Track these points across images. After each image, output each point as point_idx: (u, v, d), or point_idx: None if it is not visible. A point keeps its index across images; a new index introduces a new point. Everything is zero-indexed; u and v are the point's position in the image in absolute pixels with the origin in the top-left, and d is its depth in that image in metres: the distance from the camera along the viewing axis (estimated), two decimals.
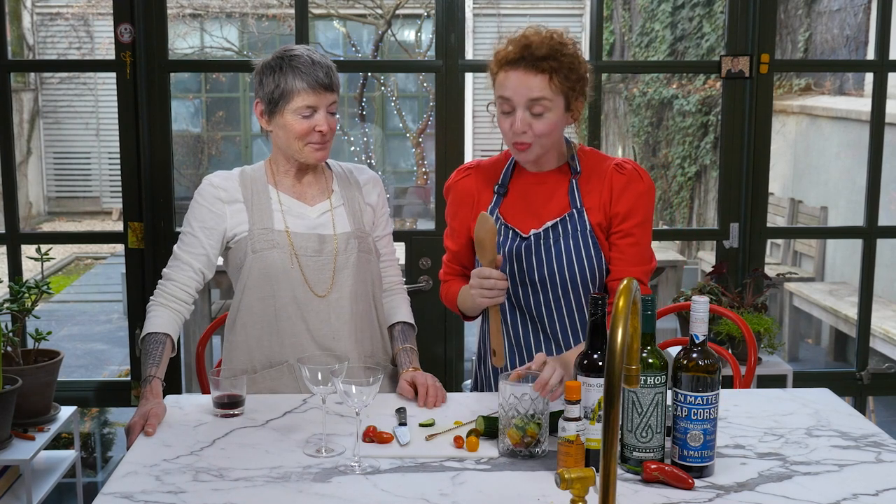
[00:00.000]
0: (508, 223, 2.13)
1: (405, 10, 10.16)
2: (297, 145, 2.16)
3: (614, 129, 10.30)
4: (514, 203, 2.14)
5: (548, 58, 1.98)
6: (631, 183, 2.09)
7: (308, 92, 2.11)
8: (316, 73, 2.12)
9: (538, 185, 2.13)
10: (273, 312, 2.19)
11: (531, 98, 1.99)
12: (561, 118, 2.03)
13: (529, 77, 1.98)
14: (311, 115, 2.14)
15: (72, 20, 11.32)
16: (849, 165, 6.51)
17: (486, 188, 2.18)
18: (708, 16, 8.71)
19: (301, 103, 2.12)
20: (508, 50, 2.02)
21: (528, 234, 2.11)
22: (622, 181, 2.09)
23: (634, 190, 2.09)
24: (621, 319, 1.32)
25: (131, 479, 1.69)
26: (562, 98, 2.01)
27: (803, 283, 6.18)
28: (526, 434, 1.75)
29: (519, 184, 2.15)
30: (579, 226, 2.09)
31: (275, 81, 2.13)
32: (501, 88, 2.02)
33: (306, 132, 2.14)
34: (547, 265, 2.09)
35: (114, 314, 7.52)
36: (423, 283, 3.39)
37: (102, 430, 4.66)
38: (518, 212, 2.13)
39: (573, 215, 2.09)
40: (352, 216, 2.26)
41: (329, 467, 1.73)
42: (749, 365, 2.57)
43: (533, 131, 2.01)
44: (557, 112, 2.02)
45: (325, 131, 2.15)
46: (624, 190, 2.08)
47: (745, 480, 1.68)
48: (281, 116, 2.15)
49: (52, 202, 11.88)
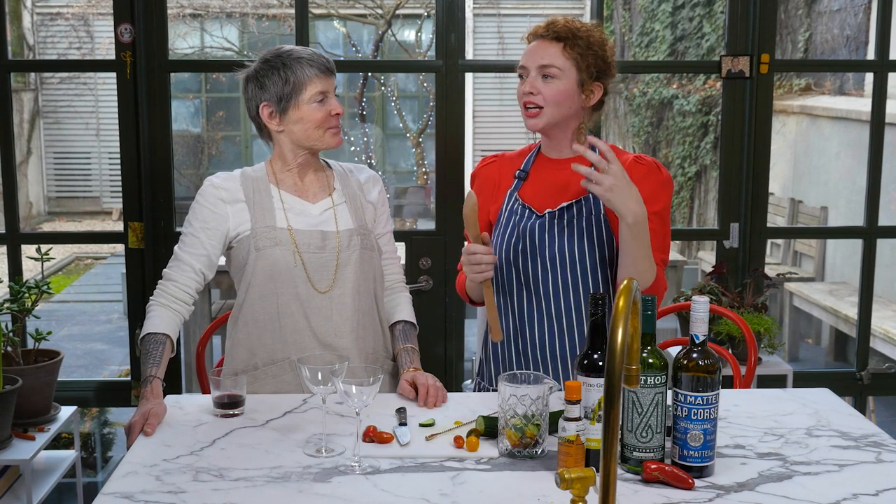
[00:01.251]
0: (526, 203, 2.18)
1: (405, 10, 10.16)
2: (317, 133, 2.20)
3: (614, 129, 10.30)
4: (534, 186, 2.20)
5: (567, 32, 2.11)
6: (651, 173, 2.13)
7: (320, 77, 2.17)
8: (319, 59, 2.19)
9: (558, 172, 2.19)
10: (275, 309, 2.20)
11: (541, 64, 2.10)
12: (572, 90, 2.11)
13: (545, 44, 2.12)
14: (323, 100, 2.19)
15: (72, 20, 11.33)
16: (849, 165, 6.51)
17: (507, 175, 2.26)
18: (708, 16, 8.71)
19: (314, 90, 2.17)
20: (538, 25, 2.16)
21: (542, 212, 2.15)
22: (642, 170, 2.13)
23: (654, 179, 2.13)
24: (621, 319, 1.32)
25: (131, 479, 1.69)
26: (574, 69, 2.10)
27: (803, 283, 6.18)
28: (524, 435, 1.75)
29: (539, 169, 2.22)
30: (594, 210, 2.13)
31: (282, 77, 2.16)
32: (522, 58, 2.15)
33: (325, 118, 2.19)
34: (559, 244, 2.12)
35: (114, 314, 7.52)
36: (424, 283, 3.39)
37: (102, 430, 4.66)
38: (537, 194, 2.19)
39: (589, 199, 2.14)
40: (354, 213, 2.27)
41: (329, 467, 1.73)
42: (749, 365, 2.57)
43: (542, 95, 2.10)
44: (568, 81, 2.10)
45: (340, 113, 2.23)
46: (643, 179, 2.11)
47: (745, 480, 1.68)
48: (296, 109, 2.18)
49: (53, 202, 11.88)
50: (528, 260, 2.15)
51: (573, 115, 2.14)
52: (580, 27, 2.12)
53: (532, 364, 2.17)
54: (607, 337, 1.68)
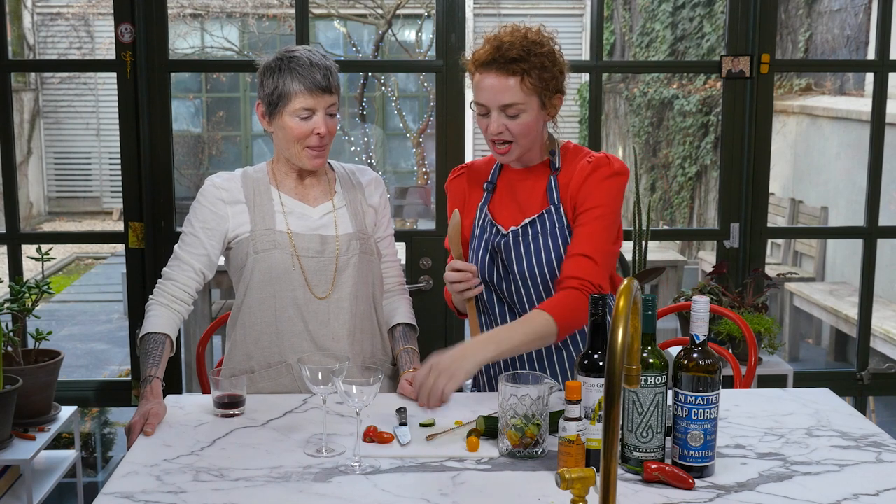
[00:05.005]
0: (494, 219, 2.17)
1: (406, 10, 10.16)
2: (295, 148, 2.17)
3: (615, 129, 10.31)
4: (502, 199, 2.18)
5: (518, 59, 2.01)
6: (594, 170, 2.08)
7: (305, 94, 2.12)
8: (313, 75, 2.12)
9: (522, 181, 2.17)
10: (273, 313, 2.20)
11: (503, 103, 2.03)
12: (536, 117, 2.06)
13: (501, 80, 2.02)
14: (309, 116, 2.14)
15: (72, 20, 11.33)
16: (849, 165, 6.51)
17: (476, 187, 2.23)
18: (708, 16, 8.71)
19: (298, 105, 2.12)
20: (482, 51, 2.05)
21: (507, 230, 2.13)
22: (586, 169, 2.09)
23: (598, 175, 2.08)
24: (621, 319, 1.32)
25: (132, 479, 1.69)
26: (535, 98, 2.04)
27: (804, 283, 6.18)
28: (525, 435, 1.75)
29: (505, 180, 2.20)
30: (556, 222, 2.11)
31: (274, 83, 2.14)
32: (477, 93, 2.07)
33: (305, 134, 2.14)
34: (526, 261, 2.11)
35: (114, 314, 7.52)
36: (424, 283, 3.39)
37: (103, 430, 4.66)
38: (505, 207, 2.17)
39: (550, 212, 2.12)
40: (354, 217, 2.27)
41: (329, 467, 1.73)
42: (749, 365, 2.57)
43: (510, 132, 2.05)
44: (532, 112, 2.05)
45: (322, 133, 2.15)
46: (586, 178, 2.08)
47: (745, 480, 1.68)
48: (280, 118, 2.15)
49: (53, 202, 11.88)
50: (501, 277, 2.15)
51: (539, 133, 2.11)
52: (531, 48, 2.02)
53: (530, 368, 2.18)
54: (607, 337, 1.69)
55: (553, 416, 1.84)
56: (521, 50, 2.01)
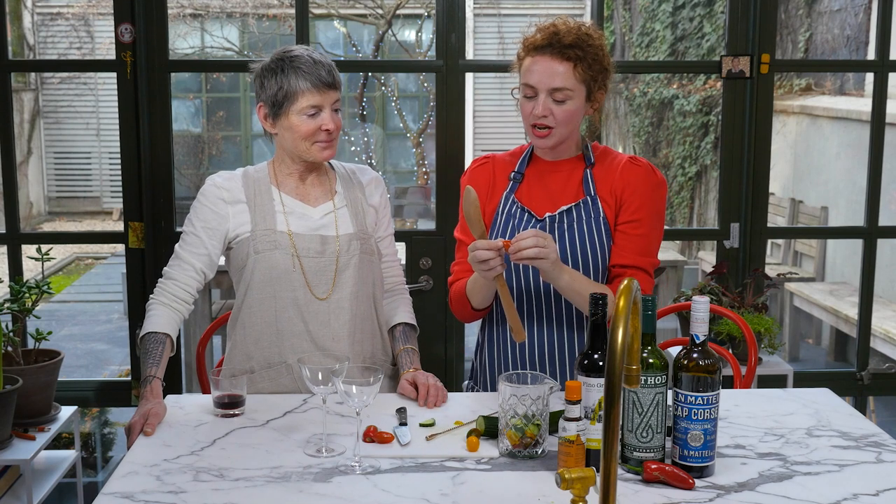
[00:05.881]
0: (524, 206, 2.17)
1: (405, 10, 10.16)
2: (304, 145, 2.17)
3: (615, 129, 10.30)
4: (530, 188, 2.19)
5: (574, 46, 2.05)
6: (647, 175, 2.14)
7: (312, 91, 2.12)
8: (318, 71, 2.12)
9: (554, 172, 2.18)
10: (273, 313, 2.20)
11: (554, 87, 2.05)
12: (581, 107, 2.09)
13: (554, 64, 2.05)
14: (316, 114, 2.14)
15: (72, 20, 11.32)
16: (849, 165, 6.51)
17: (501, 176, 2.23)
18: (708, 16, 8.71)
19: (306, 103, 2.12)
20: (536, 37, 2.09)
21: (542, 216, 2.14)
22: (640, 172, 2.14)
23: (648, 182, 2.13)
24: (622, 319, 1.32)
25: (132, 478, 1.69)
26: (584, 87, 2.08)
27: (804, 283, 6.18)
28: (525, 435, 1.75)
29: (535, 171, 2.20)
30: (593, 213, 2.13)
31: (277, 83, 2.13)
32: (527, 75, 2.09)
33: (313, 132, 2.14)
34: (560, 248, 2.11)
35: (114, 314, 7.52)
36: (424, 283, 3.39)
37: (103, 430, 4.66)
38: (534, 196, 2.18)
39: (587, 202, 2.13)
40: (355, 217, 2.26)
41: (329, 467, 1.73)
42: (749, 365, 2.57)
43: (554, 117, 2.07)
44: (578, 101, 2.08)
45: (331, 129, 2.15)
46: (637, 181, 2.12)
47: (745, 480, 1.68)
48: (286, 118, 2.15)
49: (53, 202, 11.87)
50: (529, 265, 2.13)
51: (578, 126, 2.15)
52: (585, 38, 2.07)
53: (530, 368, 2.17)
54: (607, 337, 1.69)
55: (553, 416, 1.84)
56: (577, 38, 2.06)
